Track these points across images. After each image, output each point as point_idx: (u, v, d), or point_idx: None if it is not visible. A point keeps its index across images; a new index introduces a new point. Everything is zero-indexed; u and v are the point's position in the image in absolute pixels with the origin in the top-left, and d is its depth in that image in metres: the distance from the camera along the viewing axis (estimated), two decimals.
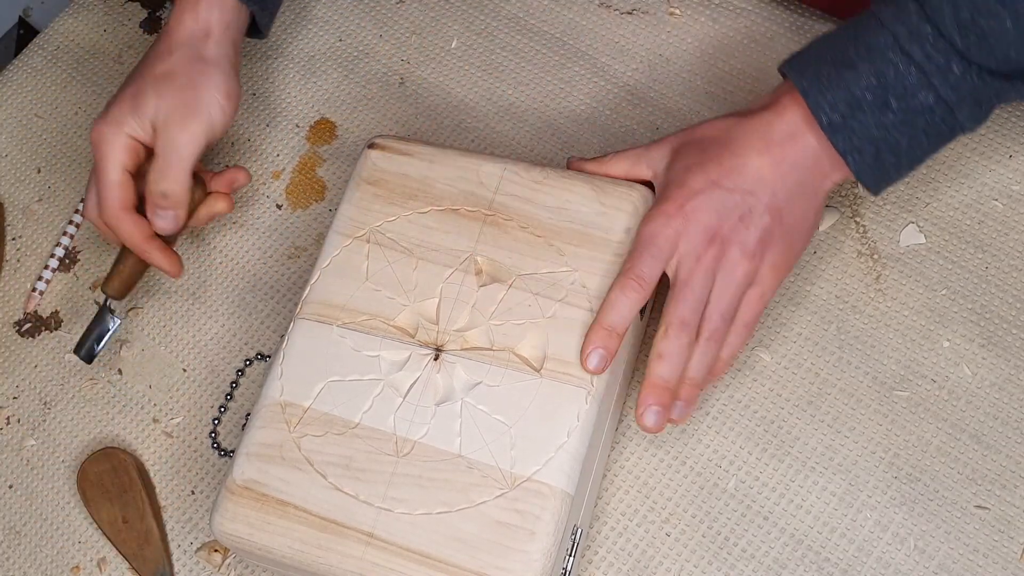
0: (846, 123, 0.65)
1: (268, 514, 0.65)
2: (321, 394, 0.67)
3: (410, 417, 0.66)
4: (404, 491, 0.64)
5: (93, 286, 0.85)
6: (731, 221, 0.65)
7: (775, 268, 0.67)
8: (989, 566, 0.67)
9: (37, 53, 0.95)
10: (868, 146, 0.65)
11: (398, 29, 0.91)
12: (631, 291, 0.65)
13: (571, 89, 0.86)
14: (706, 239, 0.65)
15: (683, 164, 0.68)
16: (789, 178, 0.66)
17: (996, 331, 0.72)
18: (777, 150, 0.66)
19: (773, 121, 0.67)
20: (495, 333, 0.67)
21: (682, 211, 0.66)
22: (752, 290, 0.67)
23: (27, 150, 0.91)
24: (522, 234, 0.69)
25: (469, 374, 0.66)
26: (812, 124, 0.66)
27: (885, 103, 0.64)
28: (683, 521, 0.70)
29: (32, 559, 0.77)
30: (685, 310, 0.65)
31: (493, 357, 0.66)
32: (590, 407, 0.64)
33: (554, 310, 0.67)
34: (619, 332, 0.65)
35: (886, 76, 0.64)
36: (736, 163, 0.66)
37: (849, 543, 0.68)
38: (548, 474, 0.63)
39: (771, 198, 0.66)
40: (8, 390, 0.83)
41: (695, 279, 0.65)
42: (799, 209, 0.67)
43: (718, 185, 0.66)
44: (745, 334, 0.68)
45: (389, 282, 0.69)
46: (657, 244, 0.66)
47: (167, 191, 0.74)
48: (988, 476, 0.69)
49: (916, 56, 0.63)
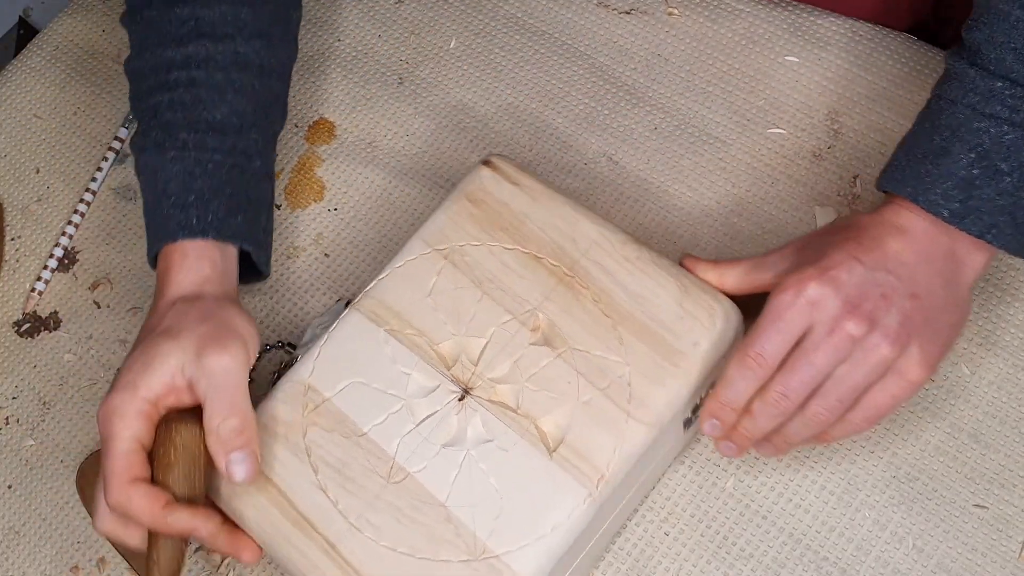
0: (967, 206, 0.62)
1: (254, 488, 0.65)
2: (344, 391, 0.67)
3: (414, 447, 0.65)
4: (380, 518, 0.63)
5: (92, 286, 0.85)
6: (873, 298, 0.60)
7: (924, 361, 0.60)
8: (988, 565, 0.67)
9: (37, 53, 0.95)
10: (1001, 218, 0.62)
11: (397, 29, 0.91)
12: (749, 371, 0.61)
13: (569, 88, 0.86)
14: (846, 311, 0.59)
15: (813, 247, 0.63)
16: (929, 265, 0.62)
17: (995, 330, 0.72)
18: (911, 239, 0.62)
19: (892, 232, 0.63)
20: (525, 396, 0.65)
21: (821, 279, 0.60)
22: (891, 379, 0.60)
23: (26, 150, 0.91)
24: (592, 307, 0.66)
25: (485, 428, 0.64)
26: (937, 224, 0.62)
27: (996, 170, 0.61)
28: (682, 520, 0.70)
29: (31, 559, 0.77)
30: (799, 384, 0.60)
31: (514, 420, 0.64)
32: (586, 509, 0.62)
33: (591, 397, 0.64)
34: (736, 408, 0.62)
35: (983, 145, 0.61)
36: (875, 244, 0.61)
37: (848, 542, 0.68)
38: (518, 560, 0.61)
39: (912, 282, 0.61)
40: (7, 390, 0.83)
41: (821, 352, 0.59)
42: (942, 299, 0.62)
43: (859, 261, 0.60)
44: (864, 425, 0.61)
45: (448, 306, 0.68)
46: (786, 319, 0.60)
47: (235, 426, 0.63)
48: (987, 475, 0.69)
49: (1002, 114, 0.61)
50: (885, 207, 0.64)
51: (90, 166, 0.89)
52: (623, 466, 0.63)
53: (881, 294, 0.60)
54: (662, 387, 0.63)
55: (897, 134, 0.79)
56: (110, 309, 0.84)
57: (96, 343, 0.83)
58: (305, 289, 0.82)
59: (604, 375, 0.64)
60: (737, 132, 0.81)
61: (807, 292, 0.60)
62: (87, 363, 0.82)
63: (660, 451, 0.66)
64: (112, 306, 0.84)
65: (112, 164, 0.89)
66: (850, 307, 0.59)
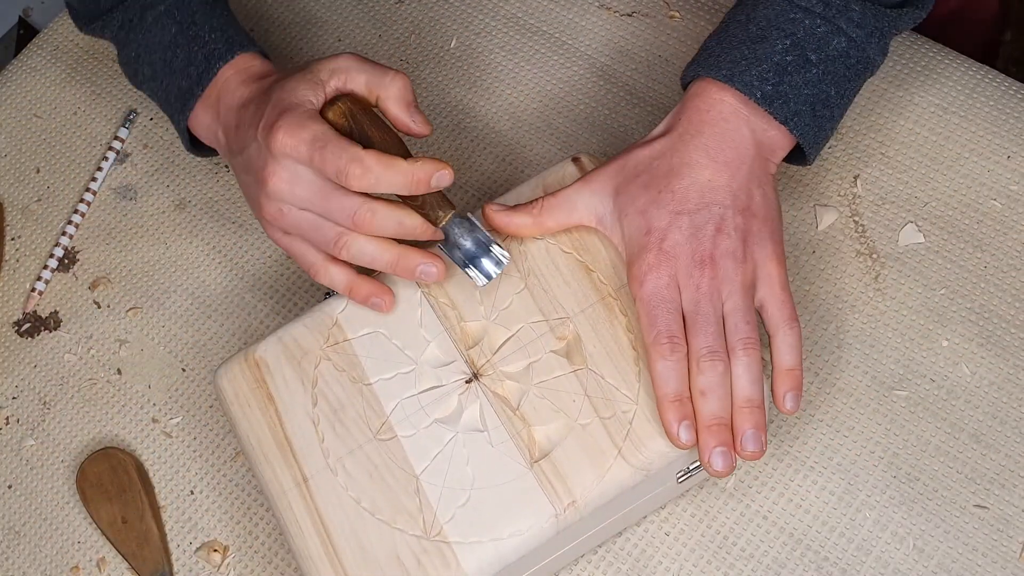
0: (778, 90, 0.66)
1: (254, 399, 0.67)
2: (365, 337, 0.67)
3: (409, 412, 0.65)
4: (356, 468, 0.64)
5: (92, 286, 0.85)
6: (709, 237, 0.64)
7: (771, 257, 0.66)
8: (988, 565, 0.67)
9: (37, 53, 0.95)
10: (804, 107, 0.66)
11: (397, 29, 0.91)
12: (669, 353, 0.63)
13: (570, 89, 0.86)
14: (697, 265, 0.64)
15: (635, 208, 0.66)
16: (740, 175, 0.66)
17: (995, 330, 0.72)
18: (718, 154, 0.66)
19: (703, 129, 0.66)
20: (528, 399, 0.65)
21: (663, 253, 0.64)
22: (763, 286, 0.65)
23: (26, 150, 0.91)
24: (623, 336, 0.66)
25: (481, 418, 0.65)
26: (740, 112, 0.66)
27: (806, 59, 0.66)
28: (682, 520, 0.70)
29: (32, 559, 0.77)
30: (708, 338, 0.63)
31: (509, 419, 0.64)
32: (547, 528, 0.62)
33: (590, 422, 0.63)
34: (687, 397, 0.63)
35: (797, 34, 0.66)
36: (687, 184, 0.65)
37: (848, 542, 0.68)
38: (466, 554, 0.61)
39: (733, 199, 0.65)
40: (7, 390, 0.83)
41: (703, 305, 0.64)
42: (760, 197, 0.66)
43: (681, 212, 0.65)
44: (795, 327, 0.65)
45: (489, 288, 0.67)
46: (662, 296, 0.64)
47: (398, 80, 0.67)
48: (987, 475, 0.69)
49: (816, 7, 0.67)
50: (695, 101, 0.67)
51: (90, 166, 0.89)
52: (597, 500, 0.62)
53: (715, 229, 0.65)
54: (662, 437, 0.63)
55: (897, 134, 0.79)
56: (110, 309, 0.84)
57: (96, 343, 0.83)
58: (305, 289, 0.82)
59: (610, 406, 0.64)
60: None
61: (663, 270, 0.64)
62: (87, 363, 0.82)
63: (644, 495, 0.66)
64: (112, 306, 0.84)
65: (112, 164, 0.89)
66: (698, 259, 0.64)
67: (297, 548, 0.63)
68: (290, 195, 0.65)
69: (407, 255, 0.66)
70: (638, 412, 0.63)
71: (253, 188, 0.68)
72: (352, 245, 0.66)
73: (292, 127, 0.64)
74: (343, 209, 0.65)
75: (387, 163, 0.64)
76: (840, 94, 0.68)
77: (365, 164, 0.63)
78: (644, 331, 0.64)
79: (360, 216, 0.65)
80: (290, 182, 0.65)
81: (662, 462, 0.63)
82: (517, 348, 0.66)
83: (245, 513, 0.75)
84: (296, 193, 0.65)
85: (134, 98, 0.91)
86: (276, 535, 0.74)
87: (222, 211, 0.86)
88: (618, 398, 0.64)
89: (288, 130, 0.64)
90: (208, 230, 0.85)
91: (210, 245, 0.85)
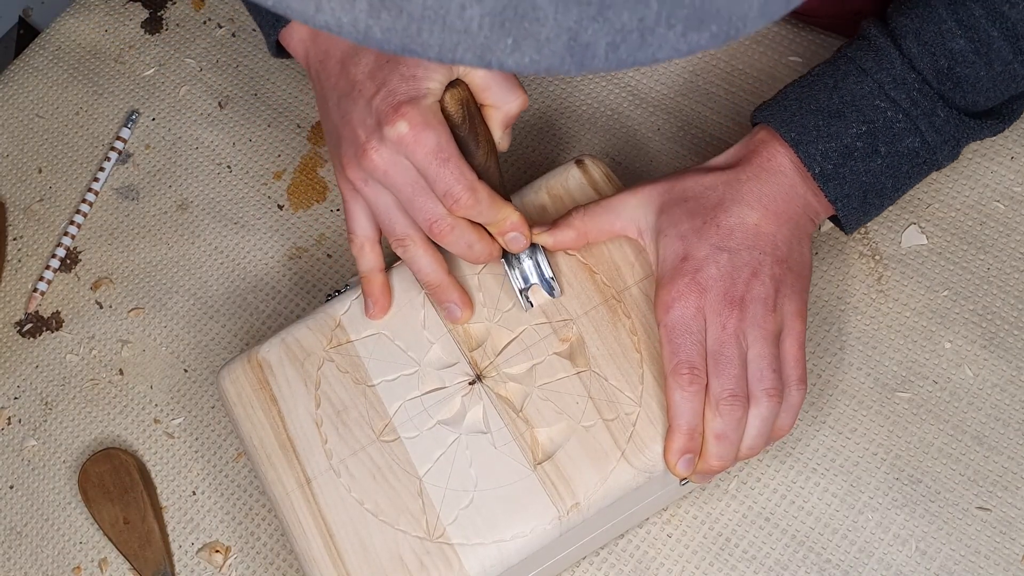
0: (838, 171, 0.65)
1: (257, 400, 0.67)
2: (368, 338, 0.67)
3: (412, 414, 0.65)
4: (359, 469, 0.64)
5: (94, 286, 0.85)
6: (744, 280, 0.63)
7: (797, 313, 0.65)
8: (990, 568, 0.67)
9: (38, 53, 0.95)
10: (856, 191, 0.66)
11: None
12: (688, 384, 0.62)
13: (572, 89, 0.86)
14: (727, 305, 0.63)
15: (676, 231, 0.65)
16: (785, 227, 0.65)
17: (998, 332, 0.72)
18: (770, 203, 0.65)
19: (761, 175, 0.66)
20: (532, 401, 0.64)
21: (696, 284, 0.63)
22: (785, 341, 0.64)
23: (28, 150, 0.91)
24: (626, 338, 0.65)
25: (484, 419, 0.64)
26: (802, 173, 0.66)
27: (875, 150, 0.65)
28: (684, 522, 0.70)
29: (33, 559, 0.77)
30: (730, 380, 0.62)
31: (512, 421, 0.64)
32: (550, 529, 0.61)
33: (593, 424, 0.63)
34: (699, 431, 0.62)
35: (875, 123, 0.65)
36: (734, 222, 0.64)
37: (851, 544, 0.68)
38: (469, 555, 0.61)
39: (774, 248, 0.64)
40: (9, 390, 0.83)
41: (728, 347, 0.62)
42: (797, 253, 0.66)
43: (722, 248, 0.64)
44: (802, 389, 0.64)
45: (492, 290, 0.67)
46: (688, 327, 0.63)
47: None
48: (990, 477, 0.69)
49: (903, 103, 0.65)
50: (754, 152, 0.66)
51: (92, 166, 0.89)
52: (600, 501, 0.62)
53: (751, 273, 0.63)
54: (662, 439, 0.63)
55: None
56: (112, 309, 0.84)
57: (98, 343, 0.83)
58: (307, 290, 0.82)
59: (613, 408, 0.64)
60: (740, 134, 0.81)
61: (692, 300, 0.63)
62: (89, 363, 0.82)
63: (646, 498, 0.66)
64: (114, 306, 0.84)
65: (114, 164, 0.89)
66: (729, 299, 0.63)
67: (300, 549, 0.63)
68: (382, 175, 0.63)
69: (449, 287, 0.66)
70: (641, 414, 0.63)
71: (345, 144, 0.65)
72: (410, 249, 0.65)
73: (417, 124, 0.61)
74: (425, 211, 0.63)
75: (497, 207, 0.63)
76: (896, 187, 0.67)
77: (478, 197, 0.62)
78: (665, 358, 0.63)
79: (439, 226, 0.63)
80: (389, 165, 0.63)
81: (664, 465, 0.63)
82: (520, 350, 0.66)
83: (247, 514, 0.75)
84: (389, 176, 0.63)
85: (136, 98, 0.91)
86: (278, 536, 0.74)
87: (224, 212, 0.86)
88: (621, 400, 0.64)
89: (413, 126, 0.61)
90: (210, 230, 0.85)
91: (212, 245, 0.85)
